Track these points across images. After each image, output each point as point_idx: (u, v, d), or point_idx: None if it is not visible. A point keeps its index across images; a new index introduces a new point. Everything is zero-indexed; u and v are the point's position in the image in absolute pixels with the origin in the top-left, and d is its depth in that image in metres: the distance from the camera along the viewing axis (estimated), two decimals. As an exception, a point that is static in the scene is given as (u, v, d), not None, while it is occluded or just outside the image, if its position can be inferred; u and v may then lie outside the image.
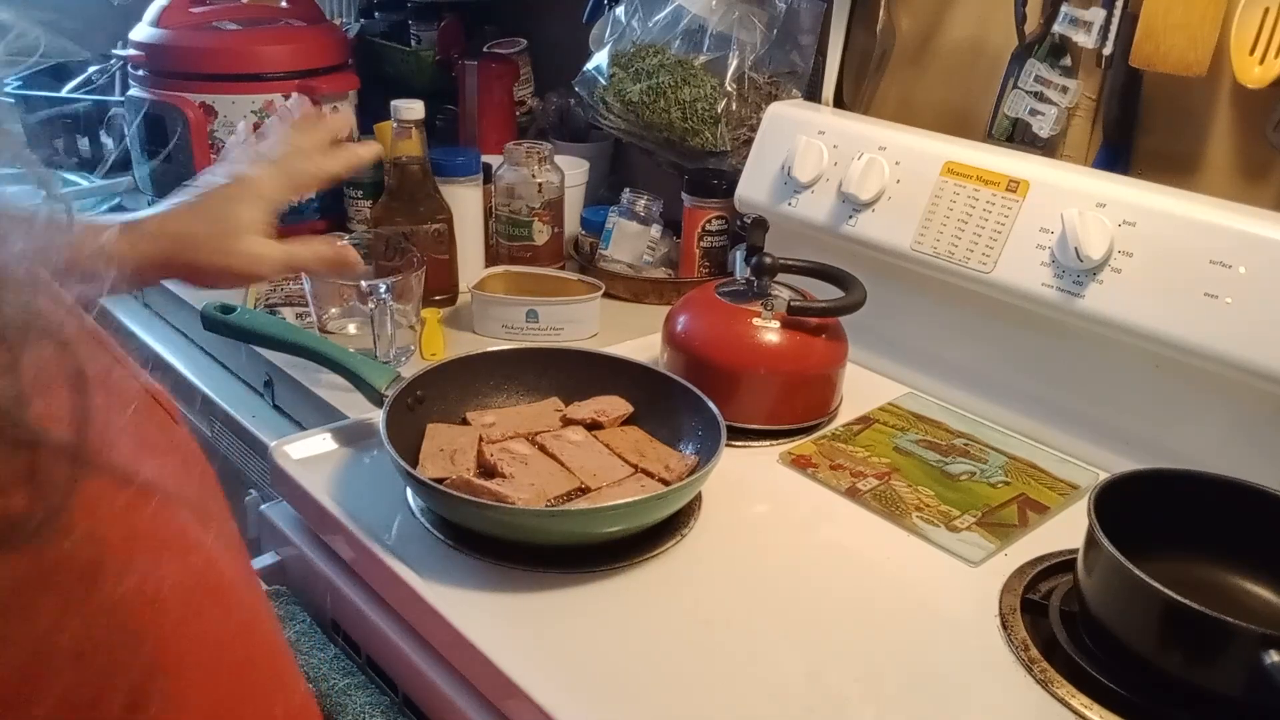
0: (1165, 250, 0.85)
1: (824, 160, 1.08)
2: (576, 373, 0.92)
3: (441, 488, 0.75)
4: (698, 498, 0.82)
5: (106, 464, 0.32)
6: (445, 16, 1.67)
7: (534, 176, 1.27)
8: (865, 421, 0.98)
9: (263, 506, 0.91)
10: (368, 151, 0.91)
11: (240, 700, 0.36)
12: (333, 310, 1.14)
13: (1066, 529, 0.82)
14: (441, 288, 1.21)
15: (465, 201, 1.24)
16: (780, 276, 0.97)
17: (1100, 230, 0.87)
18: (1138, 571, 0.62)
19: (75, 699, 0.31)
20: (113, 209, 1.54)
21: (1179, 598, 0.60)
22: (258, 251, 0.83)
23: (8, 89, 1.75)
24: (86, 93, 1.81)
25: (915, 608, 0.74)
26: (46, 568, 0.30)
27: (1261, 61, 0.84)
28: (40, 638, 0.30)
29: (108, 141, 1.70)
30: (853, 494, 0.86)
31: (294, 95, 0.92)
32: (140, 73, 1.34)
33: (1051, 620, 0.71)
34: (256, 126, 1.31)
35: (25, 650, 0.30)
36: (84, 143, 1.70)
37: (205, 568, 0.35)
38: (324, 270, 0.86)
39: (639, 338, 1.10)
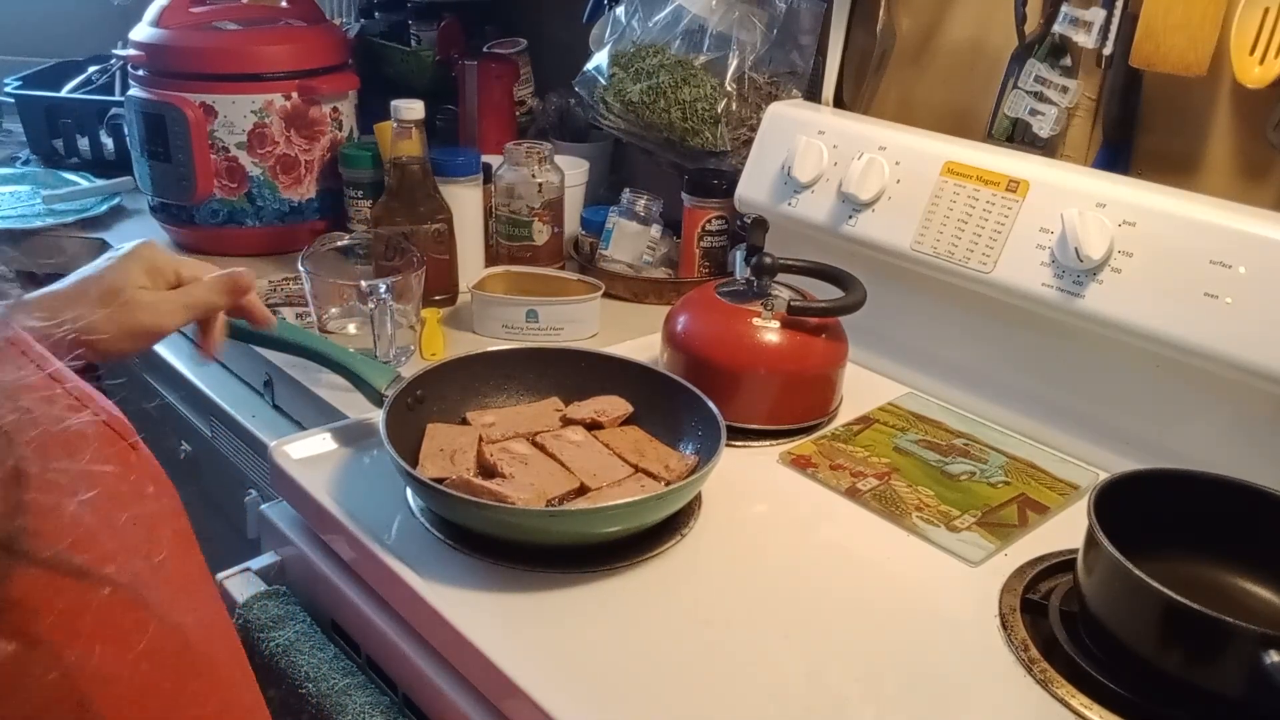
0: (1165, 250, 0.85)
1: (824, 160, 1.08)
2: (576, 373, 0.92)
3: (441, 488, 0.75)
4: (698, 498, 0.82)
5: (44, 558, 0.33)
6: (445, 16, 1.67)
7: (534, 176, 1.27)
8: (865, 421, 0.98)
9: (263, 506, 0.91)
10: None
11: None
12: (333, 310, 1.14)
13: (1066, 529, 0.82)
14: (441, 288, 1.21)
15: (465, 201, 1.25)
16: (780, 276, 0.97)
17: (1100, 230, 0.87)
18: (1138, 571, 0.62)
19: None
20: (113, 209, 1.54)
21: (1179, 598, 0.60)
22: (151, 300, 0.81)
23: (8, 89, 1.76)
24: (86, 93, 1.82)
25: (915, 608, 0.74)
26: None
27: (1261, 61, 0.84)
28: None
29: (108, 142, 1.70)
30: (853, 494, 0.86)
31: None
32: (140, 73, 1.34)
33: (1051, 620, 0.71)
34: (256, 126, 1.32)
35: None
36: (84, 143, 1.70)
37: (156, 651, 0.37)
38: (226, 298, 0.85)
39: (639, 338, 1.10)
